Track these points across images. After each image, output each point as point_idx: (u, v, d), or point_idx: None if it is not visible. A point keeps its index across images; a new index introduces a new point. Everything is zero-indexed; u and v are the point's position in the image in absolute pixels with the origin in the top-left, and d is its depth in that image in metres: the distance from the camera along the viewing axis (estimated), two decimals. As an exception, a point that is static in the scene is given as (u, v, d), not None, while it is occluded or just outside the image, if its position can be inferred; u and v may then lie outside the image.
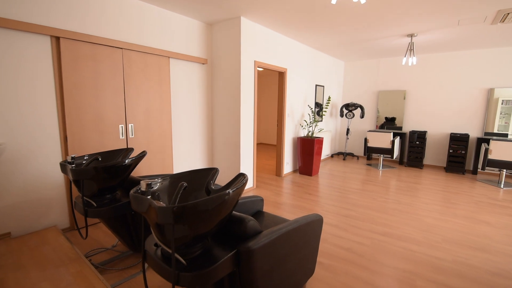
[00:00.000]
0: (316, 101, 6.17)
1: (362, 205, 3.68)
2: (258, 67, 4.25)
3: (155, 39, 3.39)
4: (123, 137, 3.13)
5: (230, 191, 1.27)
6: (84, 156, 2.11)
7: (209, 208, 1.20)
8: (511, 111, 5.27)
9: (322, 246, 2.58)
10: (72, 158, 1.99)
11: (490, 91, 5.44)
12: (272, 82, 9.10)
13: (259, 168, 5.80)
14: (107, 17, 2.90)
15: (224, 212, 1.31)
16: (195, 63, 3.95)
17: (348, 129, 6.99)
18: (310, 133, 5.70)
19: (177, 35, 3.65)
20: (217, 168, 1.64)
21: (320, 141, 5.23)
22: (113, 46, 2.96)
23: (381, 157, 6.04)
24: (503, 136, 5.35)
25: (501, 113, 5.37)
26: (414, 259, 2.39)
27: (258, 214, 2.27)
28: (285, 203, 3.72)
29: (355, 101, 7.26)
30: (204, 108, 4.19)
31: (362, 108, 6.57)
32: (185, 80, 3.85)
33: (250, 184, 4.31)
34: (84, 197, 1.98)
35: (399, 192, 4.30)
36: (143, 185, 1.29)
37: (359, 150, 7.32)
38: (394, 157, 5.77)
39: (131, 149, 2.33)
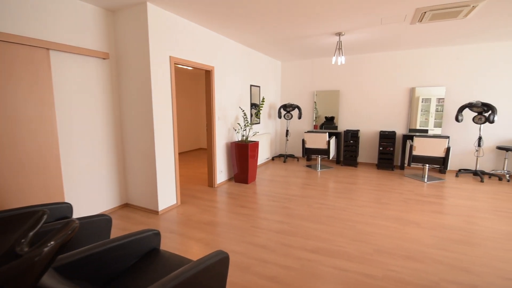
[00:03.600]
0: (253, 102, 5.81)
1: (297, 215, 3.37)
2: (179, 64, 3.66)
3: (24, 25, 2.56)
4: (-30, 158, 2.25)
5: (41, 253, 0.71)
6: None
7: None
8: (429, 108, 5.64)
9: (242, 278, 2.13)
10: None
11: (412, 90, 5.75)
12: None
13: (190, 179, 5.18)
14: None
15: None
16: (92, 57, 3.18)
17: (287, 131, 6.81)
18: (244, 137, 5.29)
19: (62, 21, 2.85)
20: (43, 211, 1.05)
21: (255, 145, 4.86)
22: None
23: (319, 158, 5.96)
24: (424, 131, 5.70)
25: (422, 111, 5.71)
26: (345, 281, 2.09)
27: (151, 254, 1.71)
28: (210, 223, 3.20)
29: (293, 102, 7.13)
30: (109, 113, 3.43)
31: (299, 108, 6.43)
32: (78, 79, 3.06)
33: (173, 201, 3.69)
34: None
35: (335, 195, 4.15)
36: None
37: (299, 151, 7.22)
38: (331, 157, 5.72)
39: None
